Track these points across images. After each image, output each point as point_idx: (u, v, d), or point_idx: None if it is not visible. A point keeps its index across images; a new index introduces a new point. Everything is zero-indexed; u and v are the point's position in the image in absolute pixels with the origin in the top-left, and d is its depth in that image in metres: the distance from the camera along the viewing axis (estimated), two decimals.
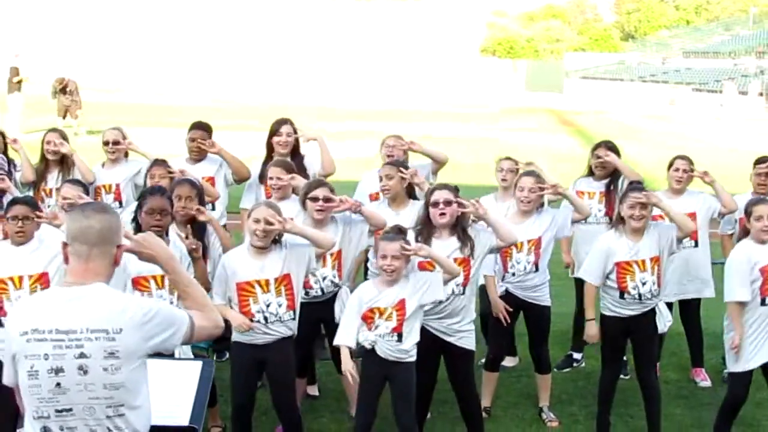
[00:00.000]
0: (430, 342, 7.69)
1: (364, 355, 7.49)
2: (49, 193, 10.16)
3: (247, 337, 7.47)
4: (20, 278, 7.34)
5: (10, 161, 10.55)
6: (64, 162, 10.32)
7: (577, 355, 10.58)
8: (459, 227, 7.83)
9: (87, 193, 8.95)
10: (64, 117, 29.69)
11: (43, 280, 7.34)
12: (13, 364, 4.59)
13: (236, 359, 7.62)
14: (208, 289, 7.45)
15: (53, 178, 10.25)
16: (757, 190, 10.07)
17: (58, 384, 4.43)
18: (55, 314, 4.45)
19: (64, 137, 10.45)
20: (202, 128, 10.37)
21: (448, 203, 7.74)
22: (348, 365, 7.36)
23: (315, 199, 8.08)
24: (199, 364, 5.47)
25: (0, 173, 9.44)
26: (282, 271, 7.48)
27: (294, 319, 7.57)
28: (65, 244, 4.54)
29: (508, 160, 9.93)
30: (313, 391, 9.27)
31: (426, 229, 7.83)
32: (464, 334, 7.91)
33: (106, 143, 10.36)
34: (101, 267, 4.52)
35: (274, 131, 10.03)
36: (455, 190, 7.91)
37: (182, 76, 48.80)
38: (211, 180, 10.00)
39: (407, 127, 30.77)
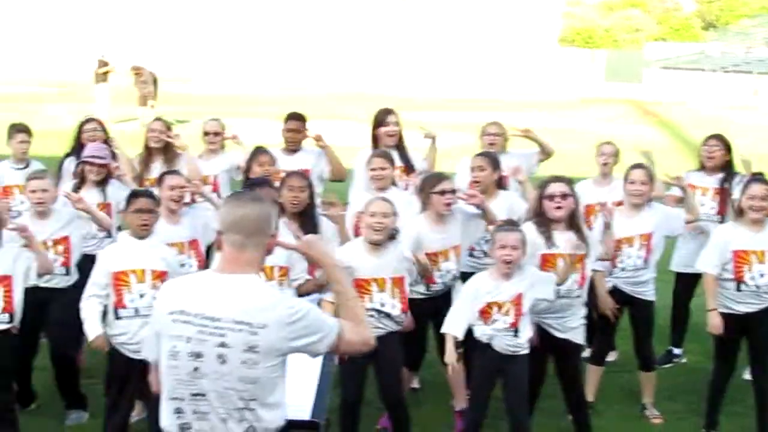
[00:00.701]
0: (541, 337, 7.64)
1: (480, 349, 7.46)
2: (153, 183, 10.16)
3: None
4: (143, 272, 7.39)
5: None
6: (168, 151, 10.37)
7: (677, 351, 10.46)
8: (575, 222, 7.76)
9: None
10: (144, 105, 29.78)
11: (164, 279, 7.33)
12: (155, 341, 4.67)
13: None
14: (321, 285, 7.48)
15: (157, 168, 10.24)
16: None
17: (196, 368, 4.47)
18: (204, 299, 4.48)
19: (168, 127, 10.50)
20: (299, 118, 10.36)
21: (564, 196, 7.67)
22: (452, 357, 7.33)
23: (443, 193, 8.04)
24: (319, 357, 5.45)
25: (102, 160, 9.42)
26: (398, 272, 7.53)
27: (404, 315, 7.58)
28: (220, 232, 4.57)
29: (609, 144, 9.86)
30: (415, 382, 9.25)
31: (543, 222, 7.75)
32: (577, 330, 7.85)
33: (206, 134, 10.43)
34: (254, 257, 4.54)
35: (379, 121, 9.92)
36: (569, 182, 7.84)
37: (249, 64, 48.86)
38: (307, 172, 9.94)
39: (486, 117, 30.62)
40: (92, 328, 7.44)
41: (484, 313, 7.37)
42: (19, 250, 7.63)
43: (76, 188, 9.31)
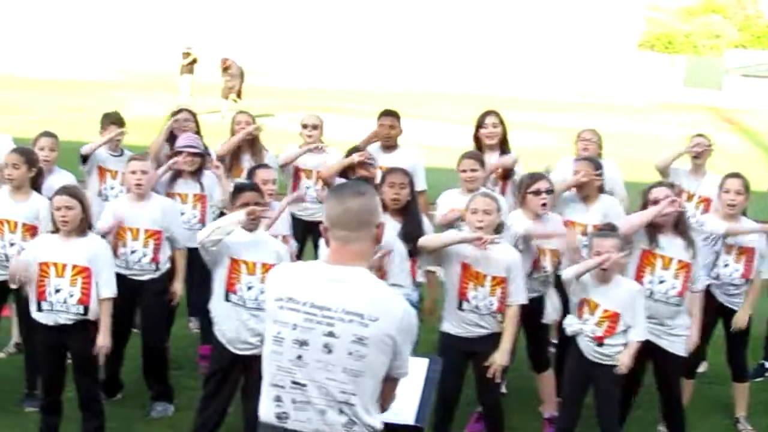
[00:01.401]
0: (641, 346, 7.50)
1: (571, 356, 7.38)
2: (239, 174, 10.15)
3: (457, 329, 7.48)
4: (254, 264, 7.32)
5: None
6: (255, 145, 10.34)
7: None
8: (681, 226, 7.62)
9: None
10: (226, 98, 29.86)
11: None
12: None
13: (445, 350, 7.48)
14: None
15: (246, 159, 10.24)
16: None
17: (300, 356, 4.40)
18: (313, 288, 4.42)
19: (253, 119, 10.48)
20: (393, 115, 10.30)
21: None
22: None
23: (538, 193, 7.99)
24: (425, 361, 5.34)
25: (196, 149, 9.40)
26: (502, 273, 7.44)
27: (500, 316, 7.49)
28: (325, 228, 4.50)
29: (701, 136, 9.88)
30: (503, 387, 9.10)
31: (650, 228, 7.63)
32: (678, 339, 7.70)
33: (304, 126, 10.36)
34: (362, 250, 4.46)
35: (479, 123, 9.83)
36: (671, 186, 7.71)
37: (335, 59, 48.87)
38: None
39: (565, 119, 30.41)
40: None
41: (581, 308, 7.35)
42: (102, 242, 7.69)
43: (172, 179, 9.30)
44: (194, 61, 29.53)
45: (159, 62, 40.01)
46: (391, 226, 7.34)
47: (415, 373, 5.28)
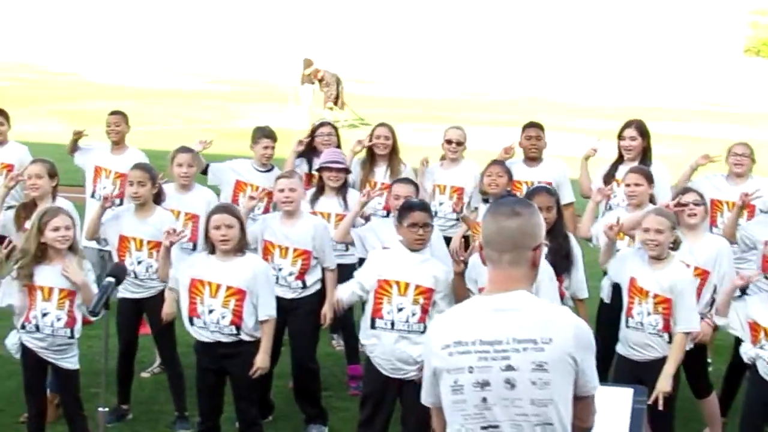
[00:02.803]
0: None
1: (749, 380, 7.11)
2: (373, 186, 9.84)
3: (626, 351, 7.33)
4: (407, 285, 7.04)
5: None
6: (393, 158, 10.03)
7: None
8: None
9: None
10: (332, 108, 29.60)
11: (427, 297, 7.05)
12: (432, 382, 4.28)
13: (618, 374, 7.26)
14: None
15: (381, 172, 9.96)
16: None
17: (484, 399, 4.10)
18: (477, 325, 4.13)
19: (392, 131, 10.16)
20: (538, 126, 10.02)
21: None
22: None
23: (684, 205, 7.90)
24: (629, 391, 5.03)
25: (341, 165, 9.16)
26: (666, 293, 7.24)
27: None
28: (481, 246, 4.24)
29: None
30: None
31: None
32: None
33: (449, 142, 10.03)
34: (520, 272, 4.14)
35: (619, 135, 9.62)
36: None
37: (435, 67, 48.59)
38: (550, 185, 9.52)
39: (670, 126, 29.71)
40: (343, 291, 7.33)
41: (753, 331, 7.07)
42: (261, 262, 7.57)
43: (315, 195, 9.07)
44: (316, 71, 29.41)
45: (270, 72, 40.10)
46: None
47: (620, 405, 4.99)
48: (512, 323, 4.07)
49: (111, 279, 5.79)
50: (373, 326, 7.11)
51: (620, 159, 9.52)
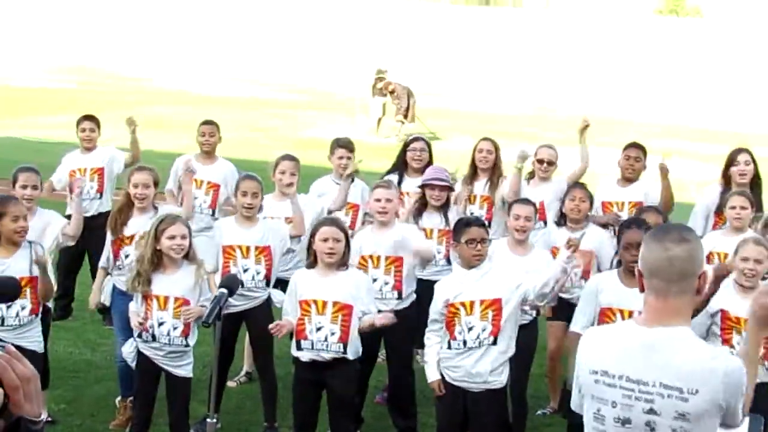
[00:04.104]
0: None
1: None
2: (473, 200, 9.79)
3: None
4: (471, 303, 7.05)
5: None
6: (495, 171, 9.92)
7: None
8: None
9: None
10: (402, 121, 29.41)
11: (495, 308, 7.03)
12: (580, 396, 4.27)
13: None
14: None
15: (480, 186, 9.89)
16: None
17: None
18: (627, 359, 4.04)
19: (496, 146, 10.05)
20: (640, 148, 9.90)
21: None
22: None
23: None
24: (744, 420, 4.88)
25: (444, 182, 9.03)
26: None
27: None
28: (640, 274, 4.07)
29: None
30: None
31: None
32: None
33: (540, 161, 9.91)
34: (682, 304, 4.02)
35: (731, 161, 9.49)
36: None
37: (498, 81, 48.31)
38: (639, 205, 9.39)
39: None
40: (431, 372, 7.24)
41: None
42: (362, 275, 7.54)
43: (417, 212, 8.98)
44: (387, 84, 29.34)
45: (340, 83, 40.10)
46: None
47: None
48: (662, 366, 3.97)
49: (224, 290, 5.76)
50: (449, 347, 7.09)
51: (728, 186, 9.39)
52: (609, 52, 50.68)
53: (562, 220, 8.95)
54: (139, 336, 7.37)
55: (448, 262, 8.73)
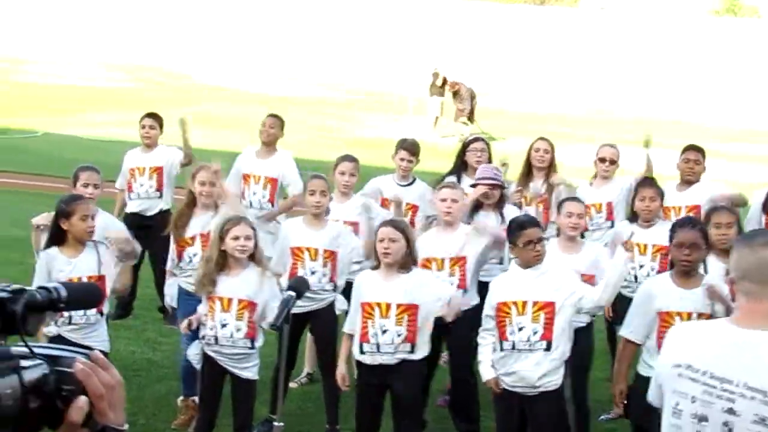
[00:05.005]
0: None
1: None
2: (528, 201, 9.71)
3: None
4: (524, 304, 6.97)
5: None
6: (551, 171, 9.83)
7: None
8: None
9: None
10: (466, 123, 29.26)
11: (549, 309, 6.96)
12: (658, 389, 4.24)
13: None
14: None
15: (536, 187, 9.80)
16: None
17: None
18: (714, 355, 3.99)
19: (552, 146, 9.98)
20: (699, 150, 9.71)
21: None
22: None
23: None
24: None
25: (497, 181, 8.98)
26: None
27: None
28: (732, 281, 4.06)
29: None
30: None
31: None
32: None
33: (602, 160, 9.84)
34: None
35: None
36: None
37: (550, 82, 47.96)
38: (698, 209, 9.27)
39: None
40: (485, 370, 7.16)
41: None
42: (426, 274, 7.47)
43: (472, 212, 8.92)
44: (444, 82, 29.31)
45: (395, 83, 40.02)
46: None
47: None
48: (750, 367, 3.91)
49: (292, 293, 5.72)
50: (501, 348, 7.04)
51: None
52: (664, 52, 50.16)
53: (633, 218, 8.84)
54: (203, 338, 7.36)
55: (500, 262, 8.68)
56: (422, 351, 7.18)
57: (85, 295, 2.38)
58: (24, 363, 2.08)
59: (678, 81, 48.57)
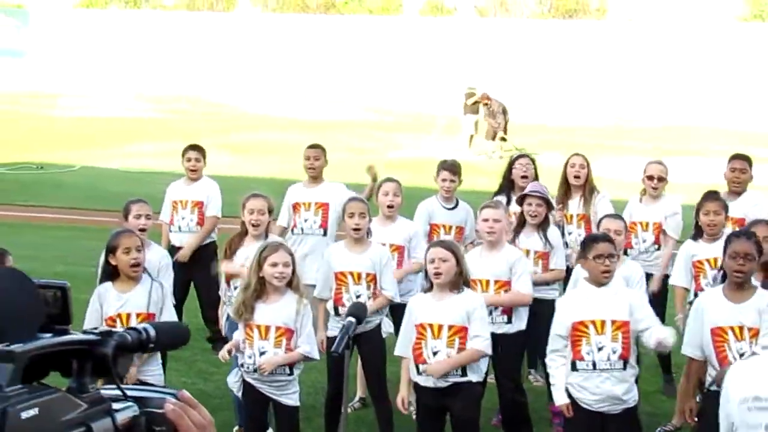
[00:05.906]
0: None
1: None
2: (570, 220, 9.71)
3: None
4: (603, 323, 6.91)
5: None
6: (587, 186, 9.83)
7: None
8: None
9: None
10: (492, 138, 29.23)
11: (624, 330, 6.93)
12: (731, 426, 4.18)
13: None
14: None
15: (575, 204, 9.81)
16: None
17: None
18: None
19: (587, 161, 9.97)
20: (745, 159, 9.66)
21: None
22: None
23: None
24: None
25: (542, 194, 8.94)
26: None
27: None
28: None
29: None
30: None
31: None
32: None
33: (650, 178, 9.77)
34: None
35: None
36: None
37: (573, 94, 47.77)
38: (743, 221, 9.18)
39: None
40: (559, 395, 7.10)
41: None
42: (478, 297, 7.43)
43: (517, 229, 8.90)
44: (478, 101, 29.28)
45: (425, 103, 40.07)
46: None
47: None
48: None
49: (352, 319, 5.73)
50: (574, 368, 6.98)
51: None
52: (694, 60, 49.87)
53: (698, 234, 8.76)
54: (242, 365, 7.35)
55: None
56: (477, 371, 7.15)
57: (173, 335, 2.39)
58: (115, 405, 2.09)
59: (709, 88, 48.26)
